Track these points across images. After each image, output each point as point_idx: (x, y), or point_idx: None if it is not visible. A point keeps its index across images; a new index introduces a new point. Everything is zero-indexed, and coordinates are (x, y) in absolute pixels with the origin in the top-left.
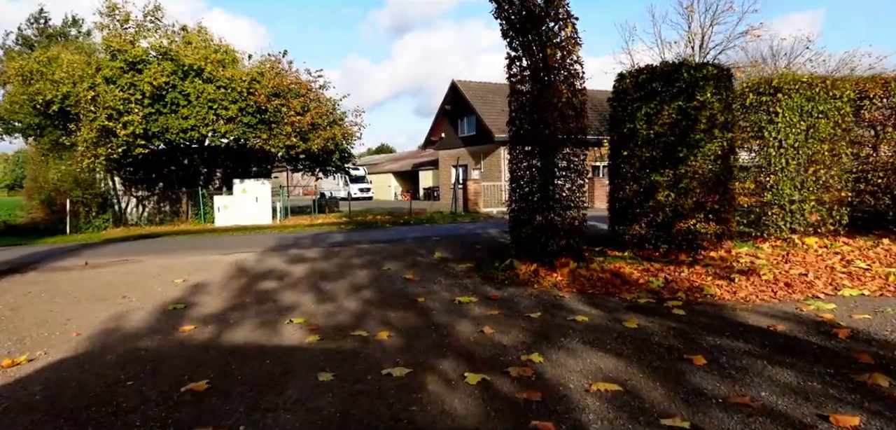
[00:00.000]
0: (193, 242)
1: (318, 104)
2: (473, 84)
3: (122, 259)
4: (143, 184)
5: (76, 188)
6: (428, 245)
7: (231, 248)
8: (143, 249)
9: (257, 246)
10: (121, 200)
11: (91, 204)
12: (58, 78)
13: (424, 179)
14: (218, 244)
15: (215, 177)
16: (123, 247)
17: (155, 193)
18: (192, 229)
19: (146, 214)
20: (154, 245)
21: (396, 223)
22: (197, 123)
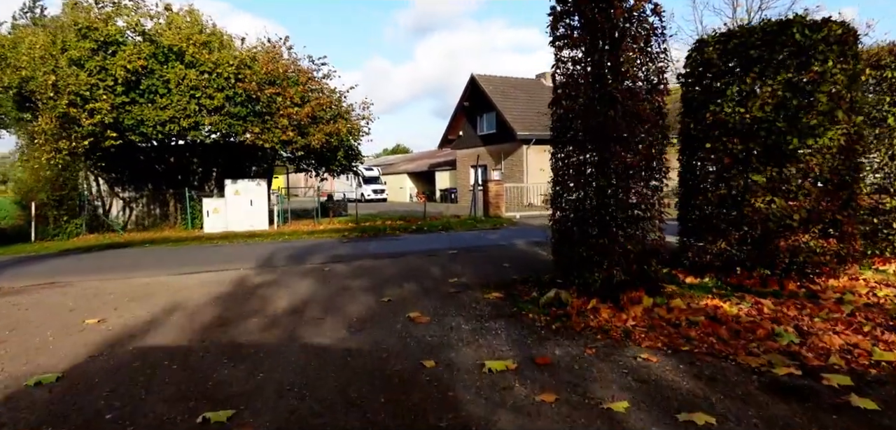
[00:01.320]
0: (166, 254)
1: (319, 95)
2: (494, 78)
3: (48, 281)
4: (130, 184)
5: (45, 189)
6: (442, 261)
7: (204, 263)
8: (92, 265)
9: (238, 261)
10: (105, 202)
11: (64, 207)
12: (20, 62)
13: (441, 180)
14: (191, 258)
15: (212, 177)
16: (71, 261)
17: (143, 194)
18: (175, 237)
19: (133, 217)
20: (113, 259)
21: (408, 230)
22: (177, 114)
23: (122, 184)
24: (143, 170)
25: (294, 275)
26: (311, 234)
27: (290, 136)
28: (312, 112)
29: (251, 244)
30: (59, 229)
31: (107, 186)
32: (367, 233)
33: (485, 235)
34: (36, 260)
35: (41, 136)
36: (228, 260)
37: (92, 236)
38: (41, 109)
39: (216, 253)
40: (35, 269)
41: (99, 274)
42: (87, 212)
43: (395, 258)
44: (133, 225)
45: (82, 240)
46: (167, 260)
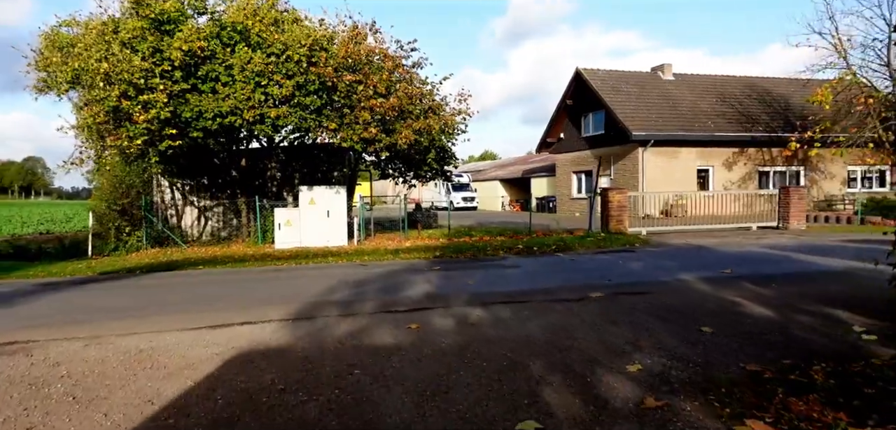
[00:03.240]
0: (212, 282)
1: (408, 85)
2: (602, 72)
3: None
4: (206, 192)
5: (107, 196)
6: (590, 315)
7: (249, 302)
8: (109, 301)
9: (292, 298)
10: (179, 211)
11: (127, 217)
12: (76, 52)
13: (537, 187)
14: (240, 292)
15: (292, 183)
16: (90, 293)
17: (220, 203)
18: (240, 254)
19: (208, 228)
20: (144, 290)
21: (514, 250)
22: (239, 104)
23: (198, 191)
24: (217, 175)
25: (363, 335)
26: (395, 253)
27: (372, 133)
28: (399, 105)
29: (321, 268)
30: (119, 243)
31: (180, 194)
32: (463, 253)
33: (622, 261)
34: (51, 288)
35: (85, 132)
36: (283, 295)
37: (153, 251)
38: (91, 103)
39: (274, 282)
40: (31, 306)
41: (100, 321)
42: (158, 222)
43: (512, 306)
44: (208, 236)
45: (139, 257)
46: (208, 293)
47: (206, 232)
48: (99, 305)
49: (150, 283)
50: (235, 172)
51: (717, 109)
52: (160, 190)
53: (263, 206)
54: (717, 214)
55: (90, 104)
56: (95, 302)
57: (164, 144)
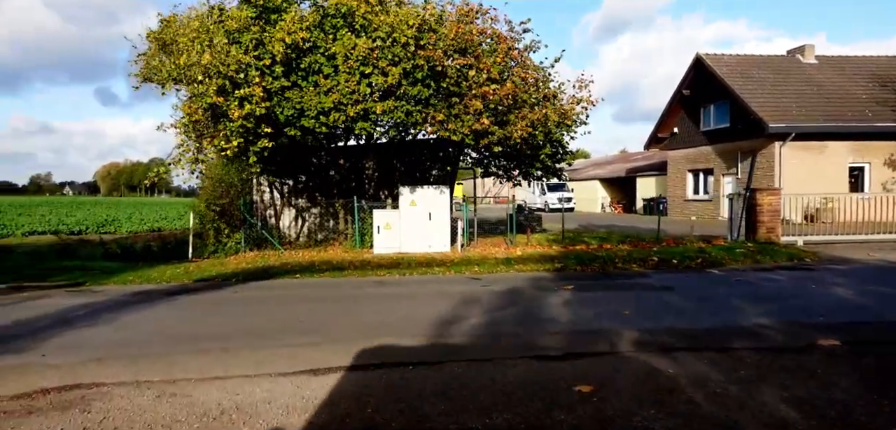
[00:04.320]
0: (322, 294)
1: (521, 70)
2: (729, 58)
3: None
4: (304, 193)
5: (208, 197)
6: (857, 386)
7: (370, 327)
8: (193, 325)
9: (413, 329)
10: (278, 212)
11: (226, 218)
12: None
13: (644, 187)
14: (336, 313)
15: (390, 183)
16: (177, 310)
17: (317, 204)
18: (337, 260)
19: (305, 230)
20: (249, 309)
21: (650, 262)
22: (343, 99)
23: (295, 192)
24: (315, 176)
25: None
26: (508, 264)
27: (484, 124)
28: (514, 91)
29: (429, 281)
30: (218, 245)
31: (279, 195)
32: (587, 265)
33: (810, 284)
34: (141, 300)
35: (181, 129)
36: (393, 321)
37: (251, 254)
38: (190, 97)
39: (380, 299)
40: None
41: (181, 356)
42: (257, 223)
43: (710, 356)
44: (304, 238)
45: (237, 261)
46: (307, 314)
47: (303, 234)
48: (185, 329)
49: (245, 297)
50: (333, 172)
51: (874, 94)
52: (260, 190)
53: (361, 207)
54: (878, 220)
55: (191, 99)
56: (181, 325)
57: (260, 144)
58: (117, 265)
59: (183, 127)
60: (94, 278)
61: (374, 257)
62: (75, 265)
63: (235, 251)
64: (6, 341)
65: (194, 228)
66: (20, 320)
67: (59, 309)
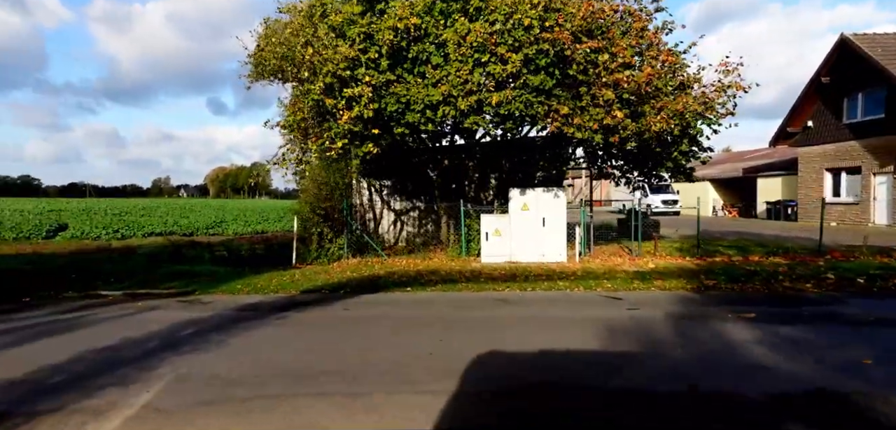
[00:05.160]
0: (439, 314)
1: (656, 53)
2: (884, 37)
3: None
4: (402, 194)
5: (311, 200)
6: None
7: (512, 370)
8: (323, 356)
9: (554, 369)
10: (377, 215)
11: (329, 222)
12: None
13: (766, 189)
14: (482, 337)
15: (488, 185)
16: (301, 330)
17: (415, 207)
18: (445, 270)
19: (404, 234)
20: (359, 331)
21: (827, 282)
22: (454, 91)
23: (394, 194)
24: (415, 177)
25: None
26: (642, 279)
27: (617, 118)
28: (650, 77)
29: (554, 301)
30: (321, 250)
31: (378, 196)
32: (743, 283)
33: None
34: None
35: (287, 131)
36: (539, 362)
37: (354, 260)
38: (295, 98)
39: (509, 326)
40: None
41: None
42: (358, 227)
43: None
44: (403, 242)
45: (341, 269)
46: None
47: (402, 238)
48: (301, 361)
49: (358, 315)
50: (434, 172)
51: None
52: (359, 193)
53: (467, 211)
54: None
55: (295, 97)
56: (296, 355)
57: (366, 147)
58: (225, 271)
59: (288, 125)
60: (204, 286)
61: (482, 266)
62: (185, 271)
63: (338, 257)
64: (112, 368)
65: (298, 232)
66: (129, 338)
67: (168, 326)
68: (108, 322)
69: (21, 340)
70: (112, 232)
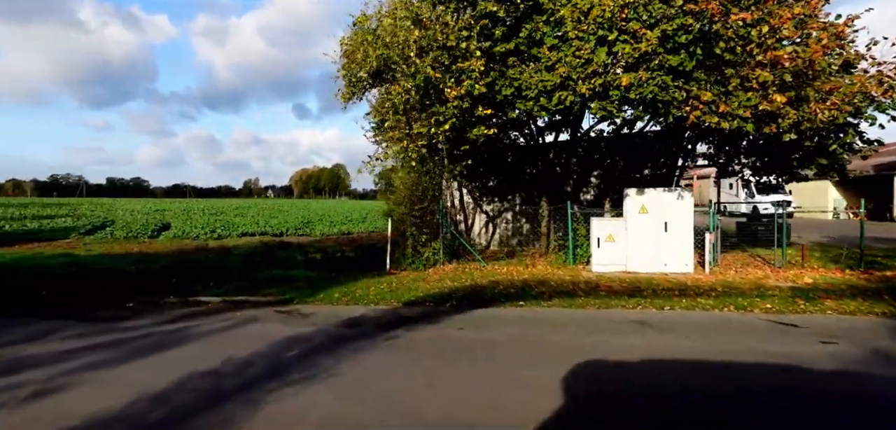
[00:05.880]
0: (559, 340)
1: (824, 25)
2: None
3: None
4: (494, 194)
5: (404, 201)
6: None
7: None
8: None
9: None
10: (468, 217)
11: (423, 224)
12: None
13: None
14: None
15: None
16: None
17: (508, 208)
18: (557, 280)
19: (496, 237)
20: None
21: None
22: (573, 73)
23: (484, 194)
24: (509, 174)
25: None
26: (807, 298)
27: (775, 103)
28: (819, 55)
29: (705, 327)
30: (415, 255)
31: (469, 197)
32: None
33: None
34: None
35: (393, 118)
36: None
37: (450, 267)
38: (399, 80)
39: (665, 357)
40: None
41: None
42: (451, 230)
43: None
44: (495, 246)
45: (438, 276)
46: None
47: (494, 241)
48: (426, 401)
49: (475, 338)
50: (531, 169)
51: None
52: (451, 194)
53: (574, 214)
54: None
55: (401, 80)
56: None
57: (478, 131)
58: (319, 276)
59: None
60: (301, 294)
61: (597, 277)
62: (281, 276)
63: (433, 263)
64: (216, 402)
65: (392, 235)
66: (231, 359)
67: (271, 345)
68: (209, 338)
69: (122, 356)
70: (209, 232)
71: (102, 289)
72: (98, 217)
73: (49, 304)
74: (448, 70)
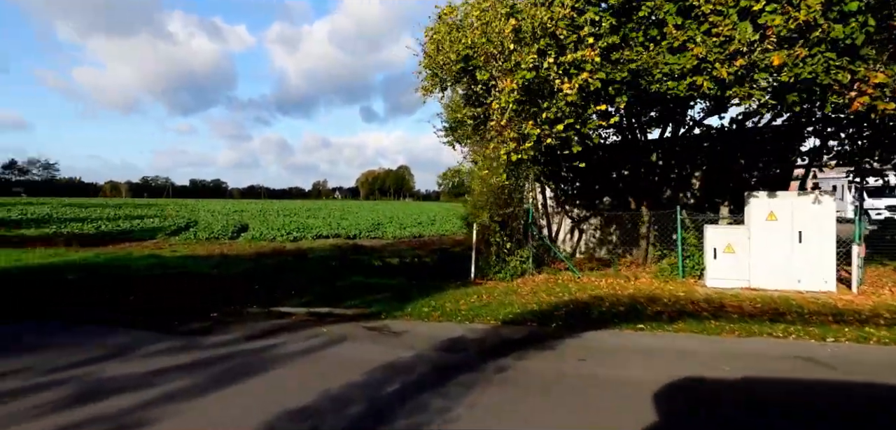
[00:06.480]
0: (693, 382)
1: None
2: None
3: None
4: (578, 198)
5: (489, 205)
6: None
7: None
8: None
9: None
10: (551, 223)
11: (508, 231)
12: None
13: None
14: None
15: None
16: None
17: (597, 211)
18: (668, 296)
19: (581, 244)
20: (612, 401)
21: None
22: (710, 55)
23: (569, 196)
24: (596, 175)
25: None
26: None
27: None
28: None
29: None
30: (500, 264)
31: (552, 201)
32: None
33: None
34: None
35: (496, 117)
36: None
37: (541, 277)
38: (497, 78)
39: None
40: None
41: None
42: (535, 239)
43: None
44: (581, 254)
45: (530, 287)
46: None
47: (579, 249)
48: None
49: (601, 378)
50: (623, 170)
51: None
52: (534, 197)
53: (684, 221)
54: None
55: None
56: None
57: (589, 126)
58: (400, 283)
59: (498, 112)
60: (388, 306)
61: (712, 292)
62: (361, 283)
63: (521, 272)
64: None
65: (476, 242)
66: (326, 393)
67: (367, 374)
68: (298, 362)
69: (207, 384)
70: (285, 234)
71: (185, 292)
72: (182, 218)
73: (134, 310)
74: (557, 62)
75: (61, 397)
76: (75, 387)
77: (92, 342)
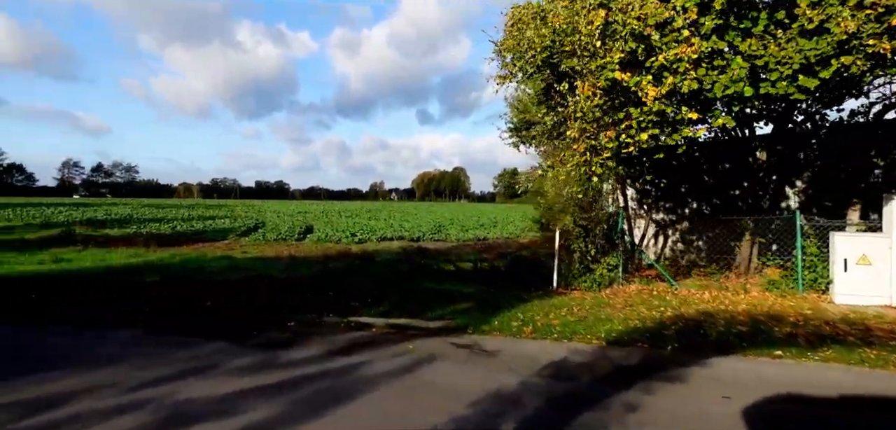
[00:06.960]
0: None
1: None
2: None
3: None
4: (661, 201)
5: (570, 209)
6: None
7: None
8: None
9: None
10: (633, 227)
11: (591, 237)
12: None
13: None
14: None
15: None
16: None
17: (682, 215)
18: (796, 315)
19: (666, 251)
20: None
21: None
22: (864, 28)
23: (653, 201)
24: (685, 174)
25: None
26: None
27: None
28: None
29: None
30: (585, 272)
31: (634, 202)
32: None
33: None
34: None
35: (575, 124)
36: None
37: (632, 287)
38: (581, 77)
39: None
40: None
41: None
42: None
43: None
44: (664, 261)
45: (622, 300)
46: None
47: (664, 255)
48: None
49: (757, 424)
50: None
51: None
52: (616, 200)
53: (802, 229)
54: None
55: (583, 80)
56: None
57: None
58: (477, 291)
59: (579, 116)
60: (472, 318)
61: (846, 311)
62: (435, 289)
63: (609, 281)
64: None
65: (558, 251)
66: None
67: (469, 406)
68: (388, 389)
69: (290, 414)
70: (350, 235)
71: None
72: (251, 218)
73: (211, 316)
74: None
75: (138, 424)
76: (153, 412)
77: (171, 356)
